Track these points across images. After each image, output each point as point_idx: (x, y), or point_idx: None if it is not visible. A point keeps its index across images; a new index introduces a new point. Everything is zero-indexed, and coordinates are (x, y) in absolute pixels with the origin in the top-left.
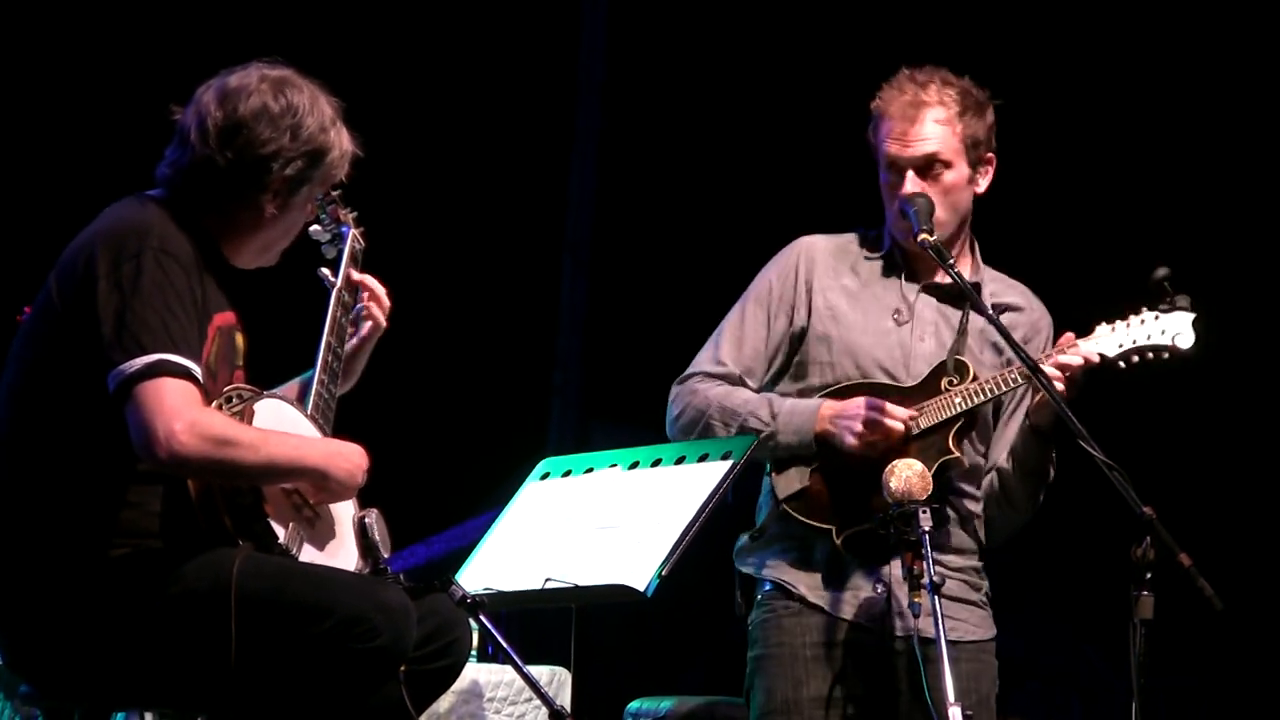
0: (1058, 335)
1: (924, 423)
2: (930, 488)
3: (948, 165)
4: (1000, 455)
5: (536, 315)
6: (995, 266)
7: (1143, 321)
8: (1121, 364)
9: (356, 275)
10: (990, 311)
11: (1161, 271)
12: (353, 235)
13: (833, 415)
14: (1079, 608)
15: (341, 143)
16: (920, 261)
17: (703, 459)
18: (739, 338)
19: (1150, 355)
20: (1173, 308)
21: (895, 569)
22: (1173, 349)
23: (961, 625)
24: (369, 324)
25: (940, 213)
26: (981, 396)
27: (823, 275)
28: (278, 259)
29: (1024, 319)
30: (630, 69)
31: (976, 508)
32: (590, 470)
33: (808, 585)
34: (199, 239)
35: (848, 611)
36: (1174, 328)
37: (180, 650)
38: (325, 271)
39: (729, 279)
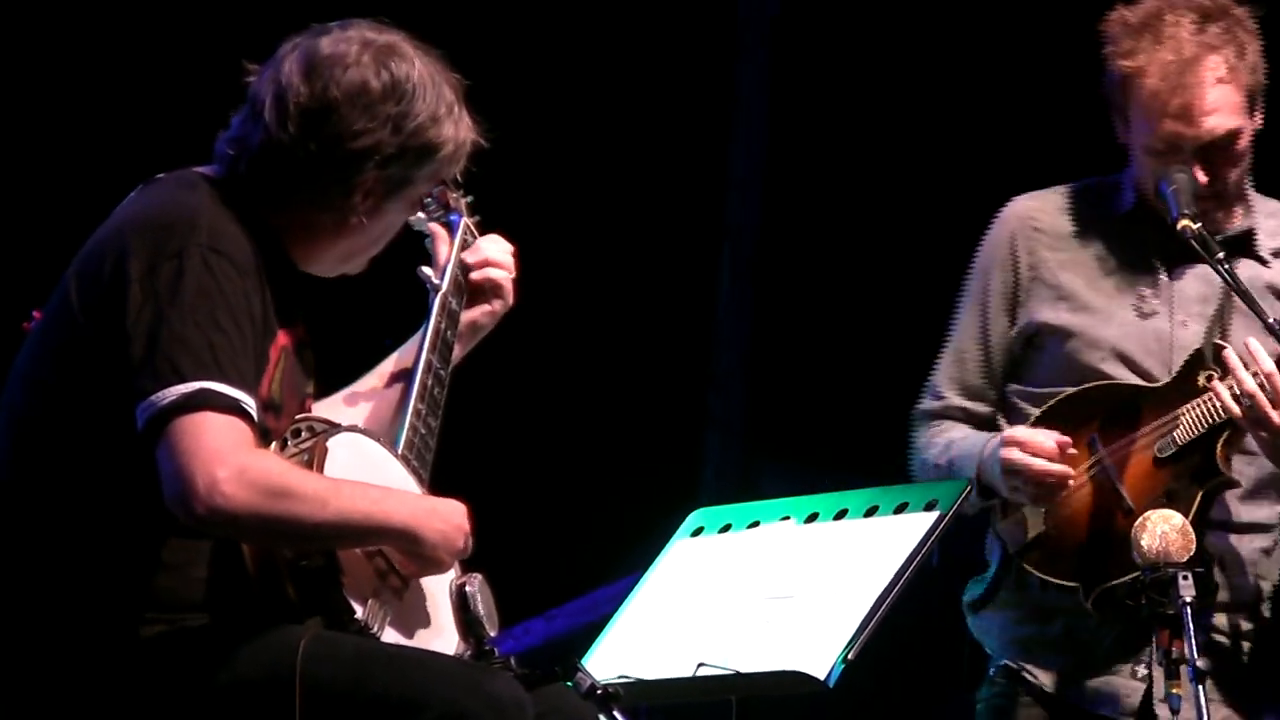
0: None
1: (1180, 437)
2: (1193, 546)
3: (1237, 135)
4: None
5: (687, 323)
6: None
7: None
8: None
9: (475, 273)
10: (1244, 288)
11: None
12: (465, 225)
13: (986, 461)
14: None
15: (457, 134)
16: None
17: (900, 509)
18: (959, 356)
19: None
20: None
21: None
22: None
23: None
24: (491, 303)
25: (1228, 187)
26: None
27: (1046, 248)
28: (364, 268)
29: None
30: (806, 11)
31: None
32: (756, 524)
33: (1047, 673)
34: (260, 235)
35: (1099, 703)
36: None
37: None
38: (428, 271)
39: (931, 276)
